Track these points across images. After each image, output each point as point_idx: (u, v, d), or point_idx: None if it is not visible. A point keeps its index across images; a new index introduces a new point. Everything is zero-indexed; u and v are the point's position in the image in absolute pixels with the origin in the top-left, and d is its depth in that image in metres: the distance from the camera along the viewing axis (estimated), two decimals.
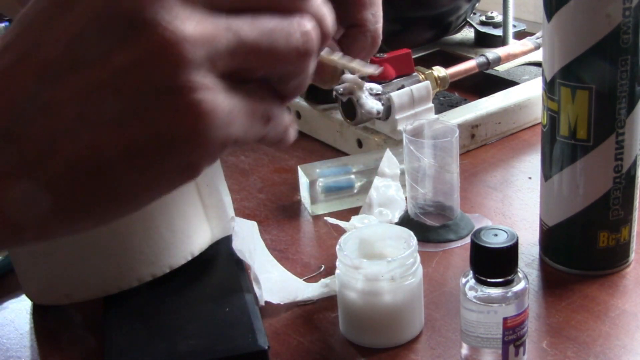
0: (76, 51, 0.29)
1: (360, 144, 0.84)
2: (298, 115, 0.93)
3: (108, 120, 0.29)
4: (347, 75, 0.42)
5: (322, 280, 0.63)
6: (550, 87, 0.59)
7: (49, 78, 0.29)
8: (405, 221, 0.70)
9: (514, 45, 0.96)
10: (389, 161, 0.73)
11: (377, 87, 0.46)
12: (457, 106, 0.88)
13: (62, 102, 0.29)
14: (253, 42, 0.31)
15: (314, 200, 0.75)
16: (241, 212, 0.76)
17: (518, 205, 0.75)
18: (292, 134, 0.36)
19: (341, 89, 0.43)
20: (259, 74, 0.32)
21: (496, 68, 0.95)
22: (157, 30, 0.28)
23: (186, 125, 0.29)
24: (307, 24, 0.32)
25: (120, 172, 0.30)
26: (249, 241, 0.63)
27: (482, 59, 0.91)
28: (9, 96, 0.29)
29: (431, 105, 0.83)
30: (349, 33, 0.43)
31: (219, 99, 0.30)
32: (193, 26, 0.29)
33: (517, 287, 0.51)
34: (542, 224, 0.65)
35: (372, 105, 0.43)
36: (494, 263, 0.51)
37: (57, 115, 0.29)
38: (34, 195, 0.30)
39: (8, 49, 0.30)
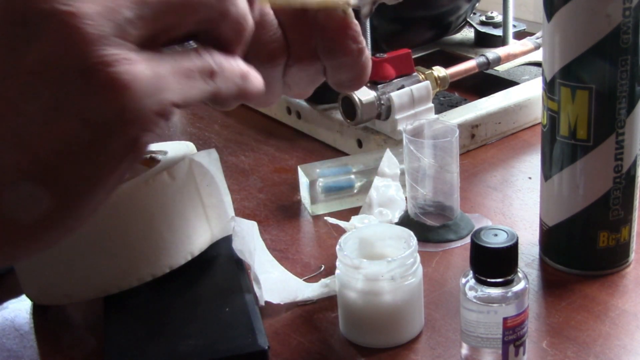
0: None
1: (360, 144, 0.85)
2: (298, 115, 0.93)
3: (37, 121, 0.28)
4: None
5: (322, 280, 0.63)
6: (550, 87, 0.59)
7: None
8: (405, 221, 0.70)
9: (514, 45, 0.96)
10: (389, 161, 0.73)
11: None
12: (457, 106, 0.88)
13: None
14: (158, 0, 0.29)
15: (314, 200, 0.75)
16: (241, 212, 0.76)
17: (518, 205, 0.75)
18: (256, 83, 0.34)
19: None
20: (183, 29, 0.31)
21: (496, 68, 0.95)
22: (56, 18, 0.27)
23: (111, 103, 0.28)
24: None
25: (66, 169, 0.29)
26: (249, 241, 0.63)
27: (482, 59, 0.91)
28: None
29: (431, 105, 0.83)
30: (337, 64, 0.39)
31: (138, 68, 0.29)
32: (90, 2, 0.28)
33: (517, 287, 0.51)
34: (542, 224, 0.65)
35: None
36: (494, 263, 0.51)
37: None
38: None
39: None
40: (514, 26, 1.05)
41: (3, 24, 0.28)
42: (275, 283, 0.63)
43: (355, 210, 0.72)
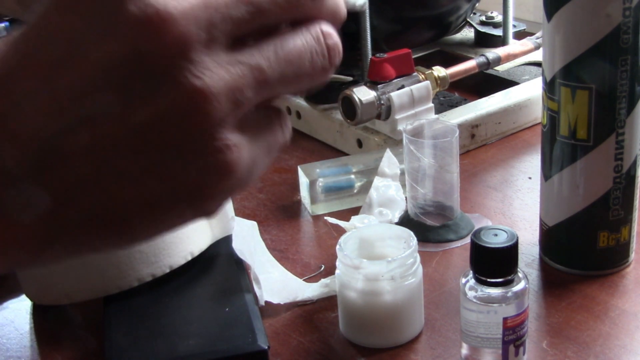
0: (92, 102, 0.26)
1: (360, 144, 0.85)
2: (298, 115, 0.93)
3: (127, 176, 0.27)
4: None
5: (322, 280, 0.63)
6: (550, 87, 0.59)
7: (62, 126, 0.27)
8: (405, 221, 0.70)
9: (514, 45, 0.96)
10: (389, 161, 0.73)
11: None
12: (457, 106, 0.88)
13: (78, 155, 0.27)
14: (279, 76, 0.29)
15: (314, 200, 0.75)
16: (241, 212, 0.76)
17: (518, 205, 0.75)
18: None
19: None
20: (282, 95, 0.30)
21: (496, 68, 0.95)
22: (182, 88, 0.26)
23: (211, 182, 0.28)
24: (329, 36, 0.30)
25: (134, 222, 0.29)
26: (249, 241, 0.63)
27: (482, 59, 0.91)
28: (23, 133, 0.27)
29: (431, 105, 0.83)
30: None
31: (243, 154, 0.28)
32: (219, 78, 0.27)
33: (517, 287, 0.51)
34: (542, 224, 0.65)
35: None
36: (494, 263, 0.51)
37: (73, 167, 0.27)
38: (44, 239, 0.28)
39: (16, 74, 0.27)
40: (514, 26, 1.05)
41: (126, 69, 0.26)
42: (275, 283, 0.63)
43: (355, 210, 0.72)
